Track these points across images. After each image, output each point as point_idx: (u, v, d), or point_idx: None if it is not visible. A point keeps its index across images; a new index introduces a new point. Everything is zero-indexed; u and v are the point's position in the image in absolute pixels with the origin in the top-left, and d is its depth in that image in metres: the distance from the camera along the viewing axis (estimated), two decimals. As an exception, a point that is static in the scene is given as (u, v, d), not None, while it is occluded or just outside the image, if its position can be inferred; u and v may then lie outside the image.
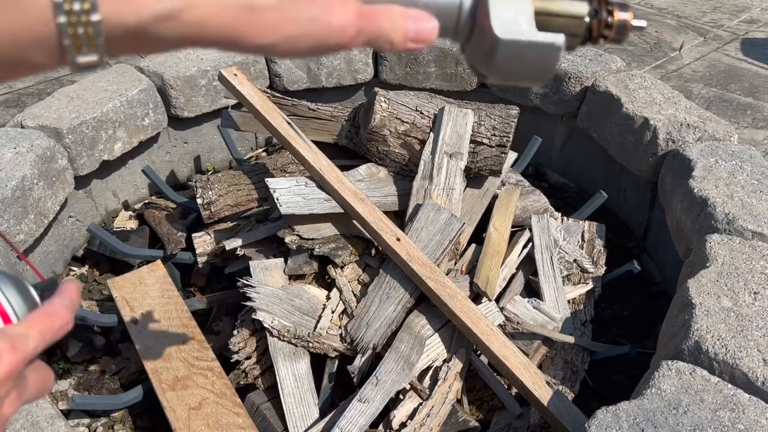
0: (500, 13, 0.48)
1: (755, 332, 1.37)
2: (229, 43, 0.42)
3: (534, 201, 2.22)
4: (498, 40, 0.47)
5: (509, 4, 0.48)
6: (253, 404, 1.71)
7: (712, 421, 1.21)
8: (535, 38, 0.48)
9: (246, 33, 0.41)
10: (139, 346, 1.80)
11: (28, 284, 0.51)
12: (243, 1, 0.40)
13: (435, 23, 0.47)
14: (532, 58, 0.49)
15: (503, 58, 0.48)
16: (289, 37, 0.42)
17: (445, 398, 1.66)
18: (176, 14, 0.39)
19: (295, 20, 0.42)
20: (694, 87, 3.00)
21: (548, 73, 0.50)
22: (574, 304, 1.96)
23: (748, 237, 1.66)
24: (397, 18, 0.46)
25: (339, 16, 0.43)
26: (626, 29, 0.54)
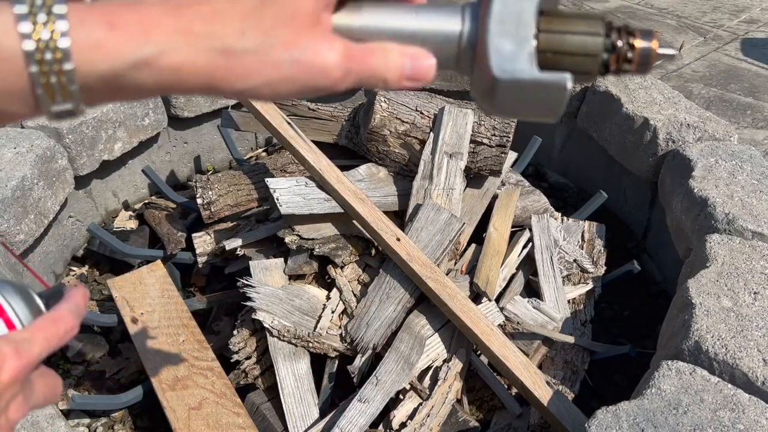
0: (499, 47, 0.44)
1: (755, 332, 1.37)
2: (207, 89, 0.41)
3: (534, 201, 2.22)
4: (496, 79, 0.44)
5: (510, 37, 0.44)
6: (253, 404, 1.71)
7: (712, 421, 1.21)
8: (537, 78, 0.44)
9: (224, 78, 0.40)
10: (139, 346, 1.80)
11: (32, 292, 0.51)
12: (219, 46, 0.39)
13: (433, 61, 0.46)
14: (536, 98, 0.45)
15: (504, 98, 0.45)
16: (269, 82, 0.41)
17: (445, 398, 1.66)
18: (151, 61, 0.38)
19: (275, 64, 0.41)
20: (694, 87, 3.00)
21: (557, 111, 0.46)
22: (574, 304, 1.96)
23: (748, 237, 1.66)
24: (393, 56, 0.45)
25: (323, 59, 0.42)
26: (650, 61, 0.47)
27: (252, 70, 0.40)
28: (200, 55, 0.39)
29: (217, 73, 0.40)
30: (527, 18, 0.44)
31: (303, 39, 0.41)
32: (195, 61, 0.39)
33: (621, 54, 0.46)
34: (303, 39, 0.41)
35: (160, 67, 0.38)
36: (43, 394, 0.47)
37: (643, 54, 0.46)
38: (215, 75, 0.40)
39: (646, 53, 0.46)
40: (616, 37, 0.46)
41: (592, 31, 0.45)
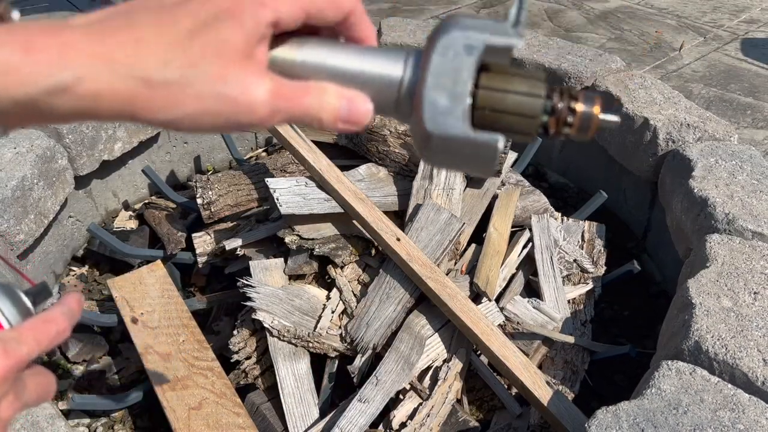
0: (435, 101, 0.43)
1: (755, 332, 1.37)
2: (128, 117, 0.40)
3: (534, 201, 2.22)
4: (428, 133, 0.43)
5: (446, 91, 0.43)
6: (253, 404, 1.71)
7: (712, 421, 1.21)
8: (468, 137, 0.43)
9: (144, 108, 0.39)
10: (139, 346, 1.80)
11: (19, 291, 0.51)
12: (140, 75, 0.38)
13: (370, 106, 0.45)
14: (467, 154, 0.44)
15: (436, 150, 0.44)
16: (190, 115, 0.40)
17: (445, 398, 1.66)
18: (67, 88, 0.37)
19: (198, 97, 0.40)
20: (694, 87, 3.00)
21: (489, 168, 0.45)
22: (574, 304, 1.96)
23: (748, 237, 1.66)
24: (330, 97, 0.44)
25: (249, 95, 0.41)
26: (591, 126, 0.45)
27: (173, 101, 0.39)
28: (120, 84, 0.38)
29: (138, 103, 0.39)
30: (465, 75, 0.42)
31: (230, 73, 0.40)
32: (114, 89, 0.38)
33: (561, 117, 0.45)
34: (230, 73, 0.40)
35: (78, 94, 0.37)
36: (36, 393, 0.47)
37: (584, 119, 0.45)
38: (135, 104, 0.39)
39: (587, 118, 0.45)
40: (557, 100, 0.45)
41: (532, 92, 0.44)
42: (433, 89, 0.43)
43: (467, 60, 0.42)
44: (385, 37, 2.63)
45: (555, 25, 3.69)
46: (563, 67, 2.40)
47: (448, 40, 0.43)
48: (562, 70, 2.40)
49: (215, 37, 0.40)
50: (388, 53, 0.46)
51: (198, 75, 0.39)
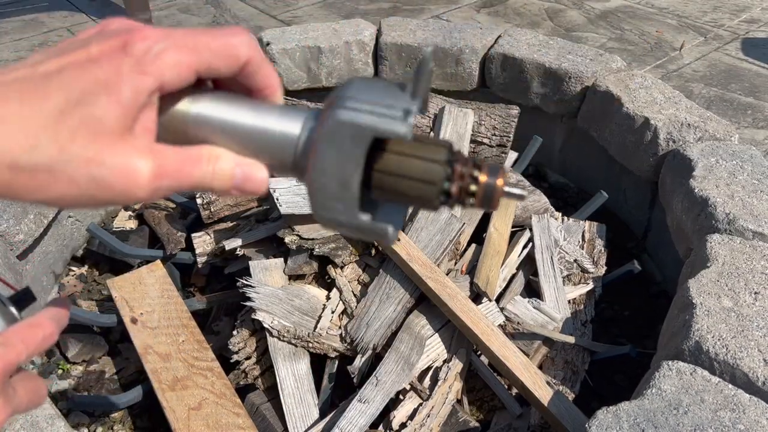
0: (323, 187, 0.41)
1: (756, 332, 1.36)
2: (11, 198, 0.38)
3: (534, 201, 2.22)
4: (316, 215, 0.42)
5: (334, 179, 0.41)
6: (253, 404, 1.71)
7: (713, 421, 1.21)
8: (356, 223, 0.42)
9: (21, 190, 0.37)
10: (139, 347, 1.80)
11: (2, 297, 0.51)
12: (7, 160, 0.35)
13: (265, 175, 0.44)
14: (362, 233, 0.43)
15: (330, 227, 0.44)
16: (66, 197, 0.38)
17: (446, 398, 1.66)
18: None
19: (70, 181, 0.37)
20: (695, 87, 3.00)
21: (388, 242, 0.44)
22: (575, 304, 1.96)
23: (748, 237, 1.66)
24: (223, 165, 0.42)
25: (127, 178, 0.38)
26: (494, 198, 0.44)
27: (46, 185, 0.37)
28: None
29: (13, 186, 0.37)
30: (352, 166, 0.41)
31: (105, 156, 0.37)
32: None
33: (463, 185, 0.43)
34: (105, 156, 0.37)
35: None
36: (27, 398, 0.47)
37: (487, 190, 0.43)
38: (11, 187, 0.37)
39: (490, 189, 0.43)
40: (460, 167, 0.43)
41: (433, 157, 0.42)
42: (320, 178, 0.41)
43: (354, 151, 0.40)
44: (385, 37, 2.63)
45: (555, 24, 3.68)
46: (564, 66, 2.40)
47: (335, 126, 0.41)
48: (563, 69, 2.40)
49: (88, 116, 0.37)
50: (287, 112, 0.44)
51: (70, 159, 0.37)
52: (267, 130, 0.43)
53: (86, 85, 0.38)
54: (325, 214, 0.42)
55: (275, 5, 3.94)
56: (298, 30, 2.70)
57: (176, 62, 0.40)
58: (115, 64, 0.39)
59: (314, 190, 0.42)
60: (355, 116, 0.40)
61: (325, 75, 2.68)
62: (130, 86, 0.38)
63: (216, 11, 3.84)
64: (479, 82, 2.67)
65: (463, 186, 0.43)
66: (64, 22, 3.75)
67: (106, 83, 0.38)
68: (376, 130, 0.40)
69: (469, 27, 2.70)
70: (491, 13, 3.85)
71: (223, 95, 0.45)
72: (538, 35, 2.64)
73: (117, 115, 0.38)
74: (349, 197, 0.41)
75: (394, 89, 0.42)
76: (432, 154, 0.43)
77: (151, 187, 0.39)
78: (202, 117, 0.43)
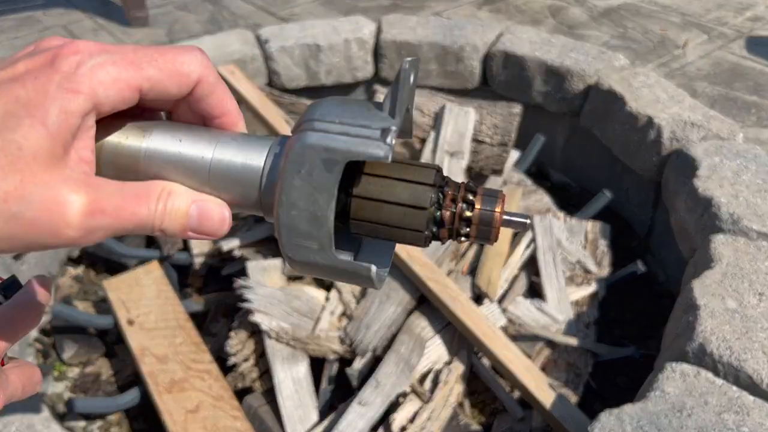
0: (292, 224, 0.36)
1: (760, 334, 1.35)
2: None
3: (536, 201, 2.20)
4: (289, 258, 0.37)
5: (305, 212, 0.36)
6: (251, 407, 1.69)
7: (717, 423, 1.19)
8: (333, 264, 0.36)
9: None
10: (135, 348, 1.78)
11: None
12: None
13: (226, 213, 0.38)
14: (340, 275, 0.38)
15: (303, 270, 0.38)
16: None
17: (446, 401, 1.64)
18: None
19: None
20: (699, 85, 2.97)
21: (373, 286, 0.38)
22: (578, 306, 1.94)
23: (752, 237, 1.63)
24: (178, 201, 0.37)
25: (53, 216, 0.33)
26: (493, 228, 0.38)
27: None
28: None
29: None
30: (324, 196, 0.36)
31: (28, 188, 0.32)
32: None
33: (456, 213, 0.38)
34: (28, 188, 0.32)
35: None
36: (21, 384, 0.45)
37: (484, 219, 0.38)
38: None
39: (488, 218, 0.38)
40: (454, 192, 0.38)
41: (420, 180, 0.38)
42: (288, 213, 0.36)
43: (327, 177, 0.35)
44: (385, 35, 2.61)
45: (557, 22, 3.66)
46: (566, 64, 2.38)
47: (302, 151, 0.35)
48: (565, 67, 2.38)
49: (6, 142, 0.32)
50: (249, 141, 0.39)
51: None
52: (227, 162, 0.38)
53: (6, 107, 0.33)
54: (297, 256, 0.37)
55: (274, 2, 3.92)
56: (297, 27, 2.68)
57: (114, 78, 0.35)
58: (41, 81, 0.34)
59: (282, 229, 0.37)
60: (324, 139, 0.35)
61: (324, 73, 2.66)
62: (58, 106, 0.33)
63: (214, 8, 3.82)
64: (480, 80, 2.65)
65: (457, 212, 0.38)
66: (60, 19, 3.73)
67: (27, 103, 0.33)
68: (349, 153, 0.35)
69: (470, 24, 2.67)
70: (493, 10, 3.83)
71: (178, 125, 0.40)
72: (540, 33, 2.62)
73: (41, 141, 0.33)
74: (322, 233, 0.36)
75: (370, 108, 0.37)
76: (418, 176, 0.38)
77: (83, 226, 0.34)
78: (153, 148, 0.38)
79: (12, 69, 0.35)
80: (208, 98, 0.40)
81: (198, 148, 0.39)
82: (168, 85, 0.38)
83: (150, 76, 0.37)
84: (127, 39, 3.42)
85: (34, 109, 0.33)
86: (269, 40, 2.58)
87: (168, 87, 0.38)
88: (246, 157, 0.38)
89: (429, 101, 2.13)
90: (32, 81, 0.34)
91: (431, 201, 0.37)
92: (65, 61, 0.35)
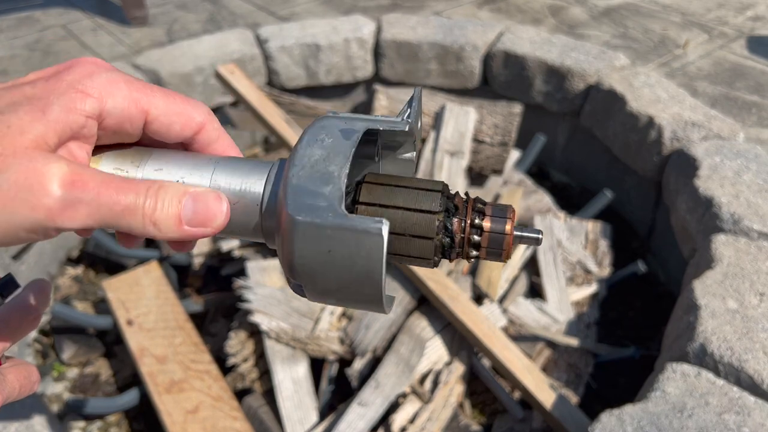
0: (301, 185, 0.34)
1: (761, 334, 1.34)
2: None
3: (537, 200, 2.19)
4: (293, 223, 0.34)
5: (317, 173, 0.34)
6: (251, 408, 1.68)
7: (718, 424, 1.19)
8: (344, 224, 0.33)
9: None
10: (135, 349, 1.77)
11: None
12: None
13: (224, 206, 0.37)
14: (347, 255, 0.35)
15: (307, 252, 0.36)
16: None
17: (446, 402, 1.63)
18: None
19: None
20: (699, 85, 2.97)
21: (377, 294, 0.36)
22: (578, 306, 1.93)
23: (753, 237, 1.63)
24: (170, 192, 0.36)
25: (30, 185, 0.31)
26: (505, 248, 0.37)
27: None
28: None
29: None
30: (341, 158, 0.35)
31: (9, 160, 0.32)
32: None
33: (465, 236, 0.37)
34: (9, 160, 0.32)
35: None
36: (19, 384, 0.45)
37: (494, 239, 0.37)
38: None
39: (498, 239, 0.37)
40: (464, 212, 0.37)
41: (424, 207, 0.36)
42: (298, 173, 0.35)
43: (344, 144, 0.35)
44: (384, 34, 2.60)
45: (558, 21, 3.65)
46: (567, 64, 2.37)
47: (321, 124, 0.36)
48: (566, 67, 2.37)
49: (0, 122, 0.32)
50: (248, 164, 0.39)
51: None
52: (224, 189, 0.38)
53: (12, 99, 0.34)
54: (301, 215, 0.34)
55: (273, 1, 3.92)
56: (297, 27, 2.67)
57: (124, 94, 0.36)
58: (52, 81, 0.35)
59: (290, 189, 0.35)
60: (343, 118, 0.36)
61: (324, 73, 2.66)
62: (64, 102, 0.34)
63: (213, 7, 3.82)
64: (481, 79, 2.64)
65: (466, 237, 0.37)
66: (60, 19, 3.73)
67: (32, 96, 0.34)
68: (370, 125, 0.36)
69: (470, 24, 2.67)
70: (493, 9, 3.82)
71: (174, 152, 0.40)
72: (540, 32, 2.61)
73: (34, 124, 0.33)
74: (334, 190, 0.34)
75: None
76: (423, 202, 0.36)
77: (63, 196, 0.32)
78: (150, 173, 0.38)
79: (26, 77, 0.36)
80: (214, 144, 0.41)
81: (195, 176, 0.38)
82: (174, 119, 0.39)
83: (158, 104, 0.38)
84: (127, 38, 3.42)
85: (37, 101, 0.34)
86: (269, 40, 2.58)
87: (173, 121, 0.39)
88: (244, 182, 0.38)
89: (429, 101, 2.13)
90: (43, 82, 0.35)
91: (437, 229, 0.36)
92: (80, 68, 0.36)
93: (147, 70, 2.42)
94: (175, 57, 2.48)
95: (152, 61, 2.45)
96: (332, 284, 0.36)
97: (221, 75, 2.20)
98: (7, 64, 3.16)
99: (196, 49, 2.52)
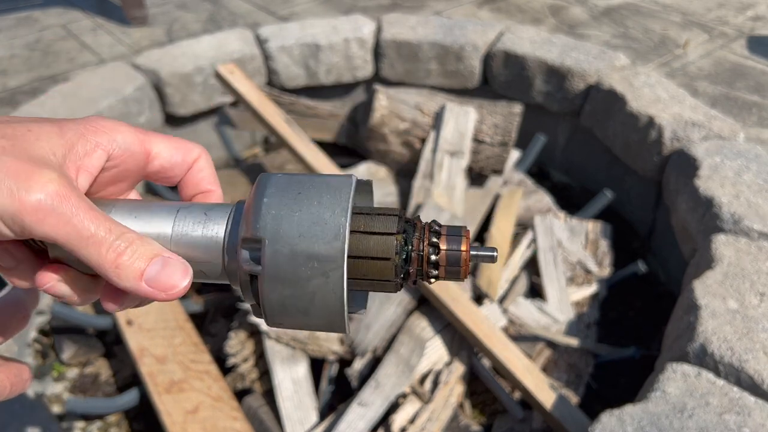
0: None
1: (761, 334, 1.34)
2: None
3: (537, 201, 2.19)
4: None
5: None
6: (251, 408, 1.68)
7: (718, 424, 1.18)
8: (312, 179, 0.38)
9: None
10: (134, 349, 1.77)
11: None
12: None
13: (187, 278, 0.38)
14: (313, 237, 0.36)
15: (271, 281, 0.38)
16: None
17: (446, 402, 1.63)
18: None
19: None
20: (700, 85, 2.97)
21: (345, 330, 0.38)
22: (578, 306, 1.93)
23: (754, 237, 1.63)
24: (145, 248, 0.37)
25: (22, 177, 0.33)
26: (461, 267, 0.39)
27: None
28: None
29: None
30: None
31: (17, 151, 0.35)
32: None
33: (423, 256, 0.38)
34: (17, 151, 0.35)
35: None
36: (10, 382, 0.45)
37: (451, 259, 0.38)
38: None
39: (455, 258, 0.38)
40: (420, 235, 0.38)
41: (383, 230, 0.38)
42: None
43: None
44: (385, 34, 2.60)
45: (558, 21, 3.65)
46: (567, 64, 2.37)
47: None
48: (566, 67, 2.37)
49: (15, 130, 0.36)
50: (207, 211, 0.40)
51: None
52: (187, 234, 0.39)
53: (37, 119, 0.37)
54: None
55: (273, 1, 3.92)
56: (297, 26, 2.67)
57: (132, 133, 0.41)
58: (69, 119, 0.39)
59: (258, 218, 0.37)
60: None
61: (324, 73, 2.65)
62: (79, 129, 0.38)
63: (213, 7, 3.82)
64: (481, 79, 2.64)
65: (424, 256, 0.38)
66: (59, 19, 3.73)
67: (53, 122, 0.37)
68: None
69: (470, 23, 2.67)
70: (493, 9, 3.82)
71: (138, 202, 0.41)
72: (540, 32, 2.61)
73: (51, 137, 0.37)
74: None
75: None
76: (382, 226, 0.38)
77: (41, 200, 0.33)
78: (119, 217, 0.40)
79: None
80: (204, 171, 0.46)
81: (156, 224, 0.39)
82: (174, 153, 0.44)
83: (159, 143, 0.43)
84: (126, 38, 3.42)
85: (57, 124, 0.38)
86: (269, 40, 2.57)
87: (174, 155, 0.44)
88: (205, 228, 0.39)
89: (429, 101, 2.13)
90: (61, 119, 0.39)
91: (396, 250, 0.37)
92: (92, 117, 0.41)
93: (147, 69, 2.42)
94: (175, 57, 2.48)
95: (152, 61, 2.45)
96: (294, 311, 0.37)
97: (221, 75, 2.20)
98: (6, 64, 3.16)
99: (196, 49, 2.52)
